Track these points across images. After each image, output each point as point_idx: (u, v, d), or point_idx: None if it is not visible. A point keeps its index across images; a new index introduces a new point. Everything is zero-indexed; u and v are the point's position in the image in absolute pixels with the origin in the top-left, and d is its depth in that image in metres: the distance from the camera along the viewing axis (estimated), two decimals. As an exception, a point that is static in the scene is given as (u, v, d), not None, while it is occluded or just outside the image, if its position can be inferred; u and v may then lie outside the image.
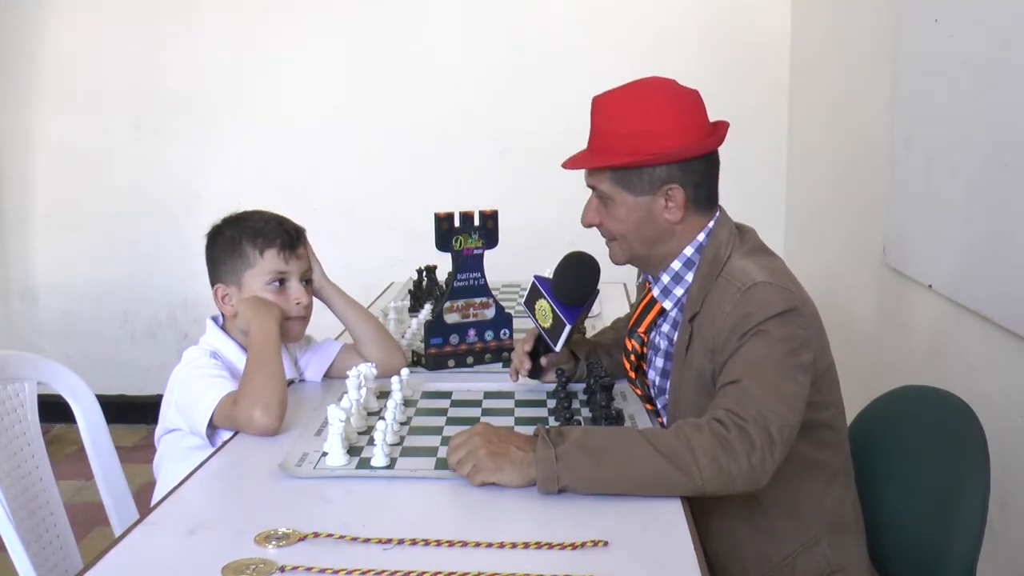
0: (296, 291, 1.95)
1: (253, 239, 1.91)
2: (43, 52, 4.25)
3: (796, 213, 4.02)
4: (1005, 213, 2.00)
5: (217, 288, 1.93)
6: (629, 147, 1.63)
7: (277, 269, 1.92)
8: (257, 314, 1.85)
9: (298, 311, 1.95)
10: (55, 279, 4.40)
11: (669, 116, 1.64)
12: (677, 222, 1.67)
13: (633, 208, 1.67)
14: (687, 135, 1.64)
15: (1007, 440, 1.96)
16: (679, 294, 1.70)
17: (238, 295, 1.91)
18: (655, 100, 1.65)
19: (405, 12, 4.15)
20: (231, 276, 1.92)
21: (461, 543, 1.28)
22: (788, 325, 1.54)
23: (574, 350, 1.99)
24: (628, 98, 1.67)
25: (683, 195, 1.65)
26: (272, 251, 1.92)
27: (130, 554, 1.29)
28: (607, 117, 1.68)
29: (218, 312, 1.97)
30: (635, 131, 1.63)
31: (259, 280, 1.91)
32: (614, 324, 2.15)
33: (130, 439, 4.03)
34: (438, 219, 2.15)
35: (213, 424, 1.77)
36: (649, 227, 1.68)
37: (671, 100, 1.66)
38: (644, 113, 1.64)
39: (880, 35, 2.83)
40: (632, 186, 1.65)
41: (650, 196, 1.65)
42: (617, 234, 1.71)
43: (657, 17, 4.08)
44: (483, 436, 1.49)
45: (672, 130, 1.63)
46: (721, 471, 1.41)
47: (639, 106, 1.65)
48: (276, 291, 1.92)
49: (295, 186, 4.13)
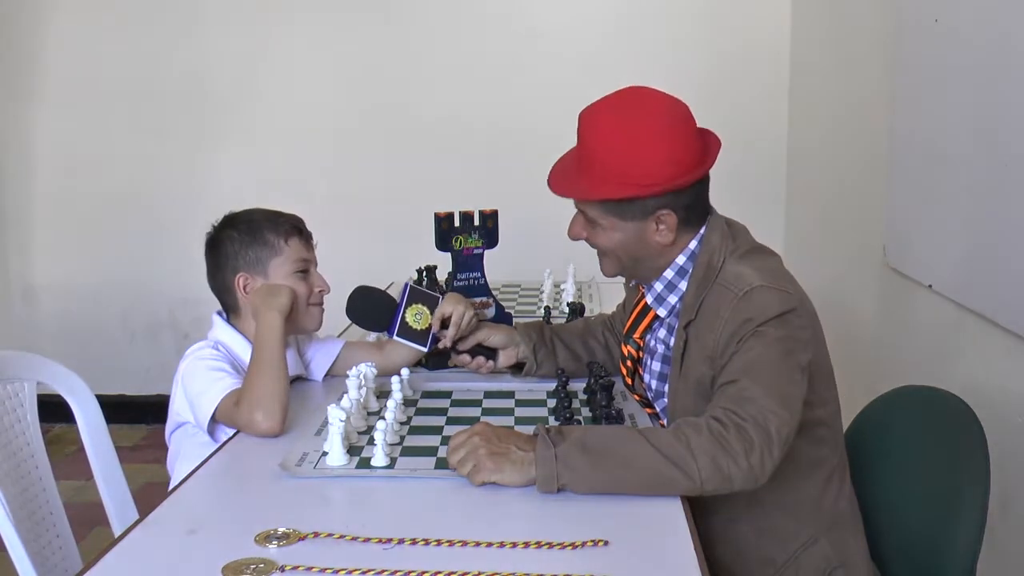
0: (317, 279, 1.97)
1: (274, 228, 1.92)
2: (43, 52, 4.25)
3: (796, 213, 4.02)
4: (1005, 213, 2.00)
5: (239, 278, 1.90)
6: (620, 179, 1.58)
7: (302, 256, 1.94)
8: (265, 304, 1.84)
9: (318, 298, 1.97)
10: (55, 279, 4.39)
11: (660, 145, 1.58)
12: (668, 244, 1.66)
13: (623, 230, 1.64)
14: (680, 164, 1.59)
15: (1007, 440, 1.96)
16: (673, 301, 1.70)
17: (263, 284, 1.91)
18: (646, 126, 1.59)
19: (405, 12, 4.14)
20: (254, 266, 1.90)
21: (461, 543, 1.28)
22: (786, 326, 1.54)
23: (519, 328, 2.03)
24: (618, 122, 1.60)
25: (675, 219, 1.63)
26: (295, 239, 1.93)
27: (130, 554, 1.29)
28: (596, 141, 1.62)
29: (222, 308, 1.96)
30: (626, 162, 1.57)
31: (286, 268, 1.91)
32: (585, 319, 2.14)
33: (130, 439, 4.03)
34: (438, 219, 2.15)
35: (215, 419, 1.77)
36: (639, 248, 1.66)
37: (663, 126, 1.59)
38: (635, 142, 1.58)
39: (880, 35, 2.83)
40: (623, 214, 1.63)
41: (641, 222, 1.63)
42: (605, 249, 1.69)
43: (657, 17, 4.08)
44: (483, 436, 1.49)
45: (664, 160, 1.58)
46: (720, 471, 1.41)
47: (629, 134, 1.58)
48: (301, 279, 1.93)
49: (295, 186, 4.12)
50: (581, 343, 2.04)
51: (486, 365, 2.01)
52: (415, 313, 1.96)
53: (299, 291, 1.91)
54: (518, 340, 2.01)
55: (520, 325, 2.07)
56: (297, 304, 1.90)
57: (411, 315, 1.95)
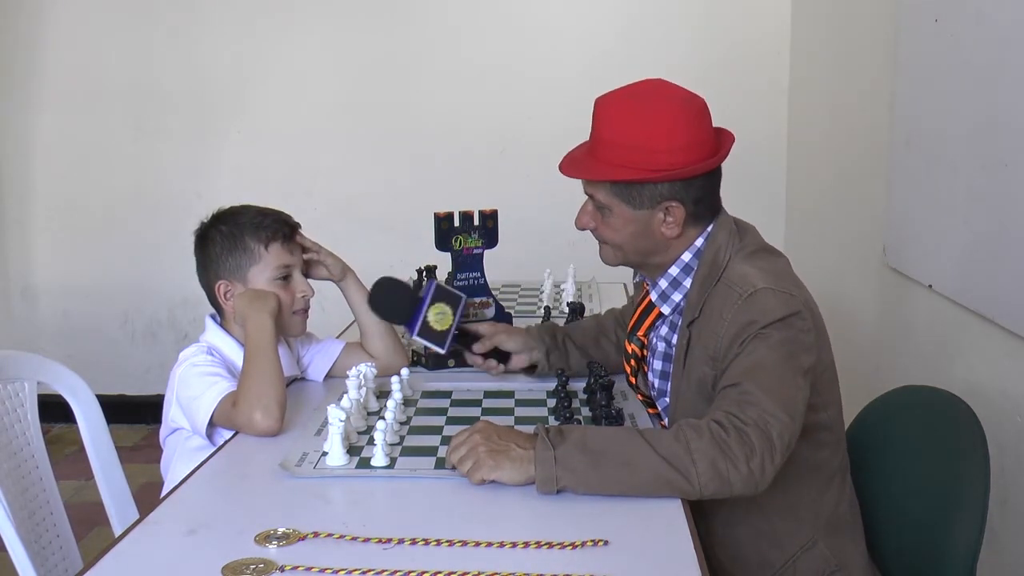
0: (300, 284, 1.94)
1: (255, 233, 1.89)
2: (43, 52, 4.25)
3: (796, 213, 4.02)
4: (1005, 213, 1.99)
5: (219, 285, 1.89)
6: (631, 161, 1.57)
7: (283, 263, 1.90)
8: (252, 308, 1.83)
9: (302, 304, 1.94)
10: (55, 279, 4.39)
11: (675, 131, 1.57)
12: (675, 237, 1.65)
13: (630, 220, 1.63)
14: (692, 152, 1.58)
15: (1007, 440, 1.96)
16: (677, 299, 1.69)
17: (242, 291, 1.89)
18: (661, 111, 1.59)
19: (405, 12, 4.14)
20: (235, 273, 1.89)
21: (461, 543, 1.28)
22: (790, 329, 1.53)
23: (534, 333, 2.02)
24: (633, 106, 1.60)
25: (683, 212, 1.62)
26: (276, 244, 1.90)
27: (130, 554, 1.29)
28: (610, 125, 1.61)
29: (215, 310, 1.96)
30: (638, 145, 1.57)
31: (265, 275, 1.88)
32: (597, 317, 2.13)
33: (130, 439, 4.03)
34: (438, 219, 2.15)
35: (213, 423, 1.76)
36: (645, 240, 1.65)
37: (677, 113, 1.59)
38: (649, 126, 1.57)
39: (880, 35, 2.83)
40: (631, 199, 1.61)
41: (649, 210, 1.62)
42: (611, 242, 1.68)
43: (657, 17, 4.08)
44: (483, 434, 1.49)
45: (676, 146, 1.57)
46: (719, 475, 1.41)
47: (644, 117, 1.58)
48: (282, 286, 1.91)
49: (295, 186, 4.12)
50: (594, 344, 2.03)
51: (497, 367, 2.01)
52: (438, 312, 1.93)
53: (281, 297, 1.88)
54: (532, 345, 2.00)
55: (533, 329, 2.05)
56: (281, 310, 1.87)
57: (433, 315, 1.93)
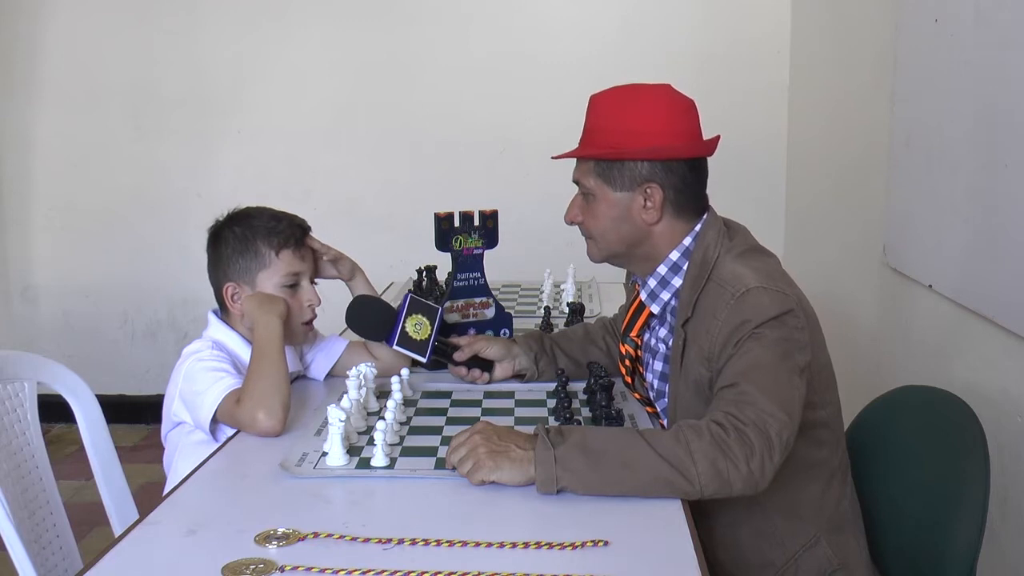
0: (308, 292, 1.94)
1: (267, 238, 1.89)
2: (43, 52, 4.25)
3: (796, 213, 4.02)
4: (1005, 213, 1.99)
5: (227, 287, 1.90)
6: (613, 141, 1.66)
7: (293, 270, 1.91)
8: (262, 311, 1.84)
9: (309, 314, 1.95)
10: (55, 279, 4.39)
11: (657, 116, 1.66)
12: (654, 223, 1.68)
13: (612, 204, 1.68)
14: (672, 136, 1.65)
15: (1007, 440, 1.96)
16: (666, 298, 1.71)
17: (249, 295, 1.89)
18: (646, 100, 1.67)
19: (405, 12, 4.14)
20: (243, 276, 1.89)
21: (461, 543, 1.28)
22: (784, 327, 1.54)
23: (519, 341, 2.03)
24: (621, 96, 1.69)
25: (661, 196, 1.66)
26: (288, 251, 1.90)
27: (130, 554, 1.29)
28: (598, 114, 1.70)
29: (217, 305, 1.96)
30: (622, 127, 1.65)
31: (274, 280, 1.89)
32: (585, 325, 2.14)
33: (130, 439, 4.03)
34: (438, 219, 2.15)
35: (216, 419, 1.77)
36: (625, 226, 1.68)
37: (663, 102, 1.68)
38: (633, 111, 1.66)
39: (880, 35, 2.83)
40: (613, 180, 1.67)
41: (629, 193, 1.66)
42: (595, 232, 1.72)
43: (657, 17, 4.08)
44: (483, 435, 1.49)
45: (658, 129, 1.65)
46: (720, 475, 1.41)
47: (630, 104, 1.67)
48: (290, 293, 1.91)
49: (295, 186, 4.12)
50: (581, 349, 2.04)
51: (481, 377, 2.02)
52: (415, 323, 1.97)
53: (288, 304, 1.89)
54: (516, 352, 2.01)
55: (519, 336, 2.08)
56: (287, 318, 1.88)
57: (411, 325, 1.96)
